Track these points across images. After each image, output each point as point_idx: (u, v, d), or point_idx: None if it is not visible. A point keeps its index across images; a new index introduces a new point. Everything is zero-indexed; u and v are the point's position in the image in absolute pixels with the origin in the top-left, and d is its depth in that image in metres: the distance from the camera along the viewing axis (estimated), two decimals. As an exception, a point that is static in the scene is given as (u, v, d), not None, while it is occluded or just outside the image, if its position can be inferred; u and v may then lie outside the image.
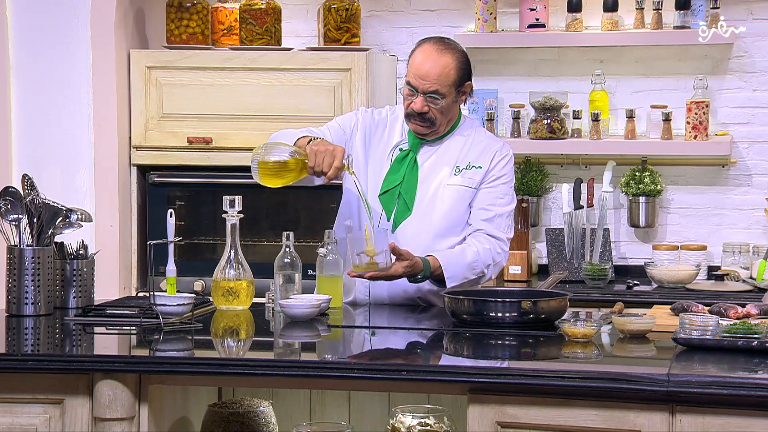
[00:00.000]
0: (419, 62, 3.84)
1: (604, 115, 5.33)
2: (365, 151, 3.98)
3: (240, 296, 3.74)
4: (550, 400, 2.92)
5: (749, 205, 5.38)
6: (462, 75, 3.87)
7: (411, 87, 3.85)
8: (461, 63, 3.87)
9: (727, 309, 3.38)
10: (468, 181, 3.92)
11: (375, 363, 3.12)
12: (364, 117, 4.03)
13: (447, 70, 3.83)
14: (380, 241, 3.63)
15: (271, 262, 3.76)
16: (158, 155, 5.18)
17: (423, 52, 3.86)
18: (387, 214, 3.91)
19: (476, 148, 3.96)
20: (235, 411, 3.49)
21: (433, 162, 3.94)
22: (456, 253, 3.86)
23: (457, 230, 3.93)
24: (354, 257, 3.66)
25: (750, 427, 2.81)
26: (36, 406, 3.13)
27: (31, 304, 3.70)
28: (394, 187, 3.92)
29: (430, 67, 3.82)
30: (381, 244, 3.63)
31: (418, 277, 3.78)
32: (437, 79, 3.82)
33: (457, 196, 3.92)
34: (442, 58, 3.83)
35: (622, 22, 5.36)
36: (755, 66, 5.34)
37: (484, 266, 3.87)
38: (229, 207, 3.73)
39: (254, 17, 5.21)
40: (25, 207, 3.74)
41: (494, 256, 3.89)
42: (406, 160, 3.94)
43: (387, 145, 3.98)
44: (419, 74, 3.83)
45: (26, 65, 5.12)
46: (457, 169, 3.93)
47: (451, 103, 3.88)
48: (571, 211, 5.31)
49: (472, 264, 3.84)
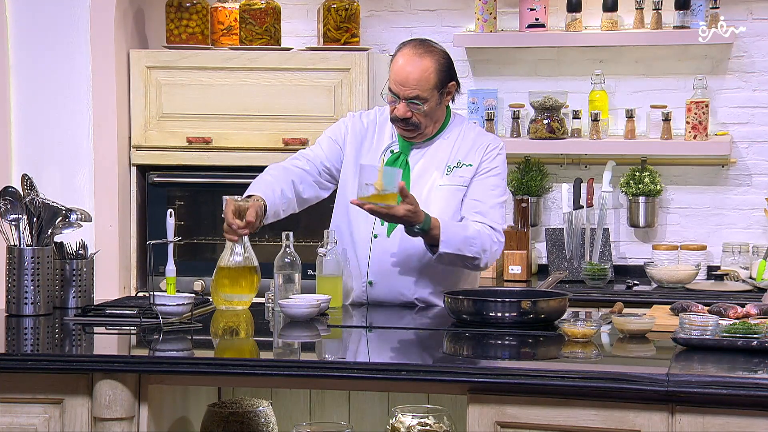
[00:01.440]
0: (398, 68, 3.82)
1: (604, 115, 5.33)
2: (356, 155, 3.97)
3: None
4: (550, 400, 2.92)
5: (749, 205, 5.38)
6: (443, 77, 3.84)
7: (392, 93, 3.83)
8: (441, 65, 3.84)
9: (726, 309, 3.38)
10: (459, 179, 3.91)
11: (375, 363, 3.12)
12: (353, 123, 4.02)
13: (426, 74, 3.81)
14: (391, 177, 3.59)
15: (271, 262, 3.76)
16: (158, 155, 5.18)
17: (402, 56, 3.83)
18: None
19: (465, 146, 3.95)
20: (235, 411, 3.49)
21: (424, 163, 3.93)
22: (458, 224, 3.82)
23: None
24: (362, 186, 3.60)
25: (750, 426, 2.80)
26: (35, 406, 3.13)
27: (31, 304, 3.70)
28: None
29: (409, 73, 3.80)
30: (390, 181, 3.58)
31: (415, 228, 3.69)
32: (417, 85, 3.79)
33: (450, 196, 3.90)
34: (421, 63, 3.80)
35: (622, 22, 5.36)
36: (755, 66, 5.34)
37: (481, 248, 3.79)
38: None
39: (254, 17, 5.21)
40: (24, 207, 3.74)
41: (492, 244, 3.83)
42: (397, 162, 3.93)
43: (378, 147, 3.97)
44: (399, 80, 3.81)
45: (26, 65, 5.12)
46: (449, 168, 3.92)
47: (435, 106, 3.86)
48: (571, 211, 5.31)
49: (471, 239, 3.77)
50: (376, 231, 3.89)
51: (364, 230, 3.92)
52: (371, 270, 3.90)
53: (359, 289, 3.93)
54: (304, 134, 5.08)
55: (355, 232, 3.93)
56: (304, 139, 5.06)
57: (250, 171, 5.11)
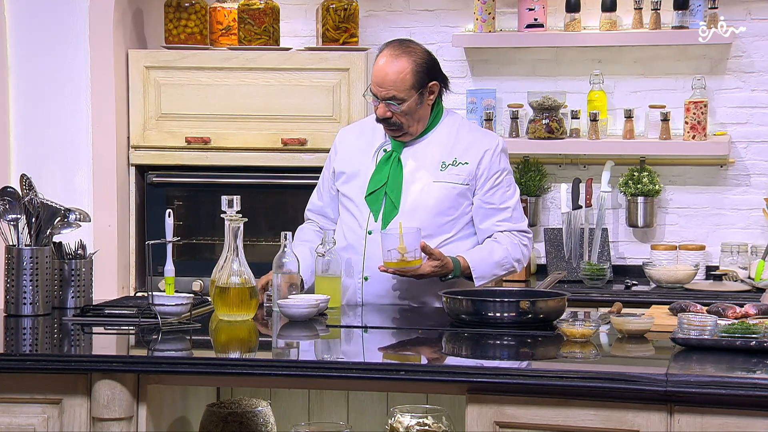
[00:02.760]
0: (377, 69, 3.87)
1: (603, 115, 5.33)
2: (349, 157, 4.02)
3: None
4: (549, 400, 2.92)
5: (747, 205, 5.38)
6: (420, 77, 3.87)
7: (372, 94, 3.89)
8: (418, 65, 3.86)
9: (725, 309, 3.38)
10: (455, 177, 3.93)
11: (373, 363, 3.12)
12: (336, 143, 4.10)
13: (402, 75, 3.84)
14: (411, 239, 3.70)
15: (270, 262, 3.76)
16: (157, 155, 5.18)
17: (382, 57, 3.89)
18: (374, 215, 3.92)
19: (462, 144, 3.97)
20: (234, 411, 3.49)
21: (417, 160, 3.95)
22: (484, 252, 3.92)
23: (446, 227, 3.94)
24: (385, 253, 3.74)
25: (748, 426, 2.81)
26: (34, 406, 3.13)
27: (30, 304, 3.69)
28: (380, 187, 3.93)
29: (385, 74, 3.84)
30: (412, 242, 3.70)
31: (448, 276, 3.83)
32: (393, 85, 3.83)
33: (445, 192, 3.92)
34: (397, 64, 3.84)
35: (621, 22, 5.36)
36: (753, 66, 5.34)
37: (514, 261, 3.95)
38: (227, 207, 3.65)
39: (253, 17, 5.21)
40: (23, 207, 3.74)
41: (522, 250, 3.98)
42: (390, 160, 3.95)
43: (371, 147, 4.00)
44: (377, 81, 3.87)
45: (25, 65, 5.12)
46: (443, 165, 3.94)
47: (415, 106, 3.88)
48: (570, 211, 5.31)
49: (501, 261, 3.92)
50: (370, 227, 3.91)
51: (358, 226, 3.93)
52: (366, 266, 3.92)
53: (354, 286, 3.94)
54: (303, 134, 5.08)
55: (351, 229, 3.95)
56: (302, 140, 5.06)
57: (249, 171, 5.15)
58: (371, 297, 3.94)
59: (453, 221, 3.95)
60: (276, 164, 5.12)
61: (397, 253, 3.71)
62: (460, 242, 3.96)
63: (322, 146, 5.06)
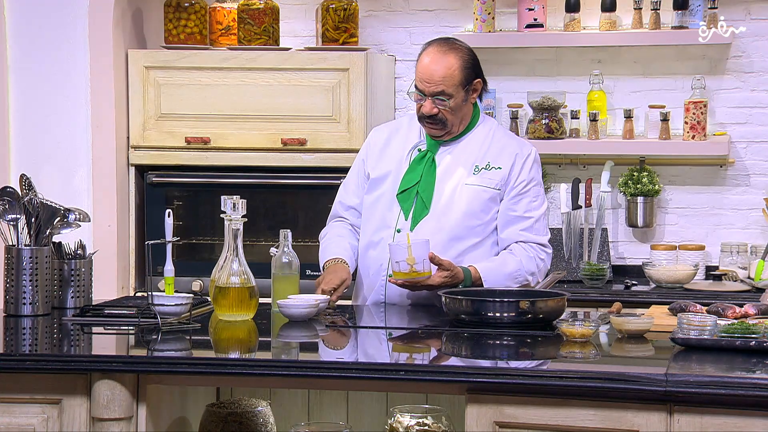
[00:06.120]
0: (424, 66, 3.88)
1: (602, 115, 5.33)
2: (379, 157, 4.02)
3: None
4: (549, 400, 2.92)
5: (747, 205, 5.38)
6: (467, 74, 3.89)
7: (419, 91, 3.88)
8: (466, 62, 3.89)
9: (724, 309, 3.38)
10: (487, 181, 3.94)
11: (373, 363, 3.12)
12: (369, 142, 4.10)
13: (451, 71, 3.85)
14: (420, 250, 3.70)
15: (269, 262, 3.76)
16: (156, 155, 5.18)
17: (427, 55, 3.89)
18: (405, 214, 3.92)
19: (495, 148, 3.98)
20: (233, 411, 3.49)
21: (451, 161, 3.96)
22: (497, 264, 3.90)
23: (477, 230, 3.93)
24: (394, 264, 3.75)
25: (748, 426, 2.81)
26: (34, 406, 3.13)
27: (29, 304, 3.69)
28: (412, 186, 3.93)
29: (435, 70, 3.85)
30: (421, 254, 3.70)
31: (459, 287, 3.81)
32: (442, 81, 3.84)
33: (476, 195, 3.93)
34: (445, 60, 3.86)
35: (620, 22, 5.36)
36: (753, 66, 5.34)
37: (528, 274, 3.91)
38: (231, 210, 3.58)
39: (252, 17, 5.21)
40: (23, 207, 3.74)
41: (538, 263, 3.94)
42: (424, 160, 3.96)
43: (405, 146, 4.00)
44: (424, 77, 3.87)
45: (24, 65, 5.12)
46: (476, 168, 3.95)
47: (461, 103, 3.90)
48: (569, 211, 5.32)
49: (514, 274, 3.88)
50: (399, 225, 3.91)
51: (386, 224, 3.94)
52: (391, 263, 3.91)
53: (379, 284, 3.94)
54: (303, 134, 5.08)
55: (378, 226, 3.96)
56: (302, 140, 5.06)
57: (249, 171, 5.14)
58: (395, 296, 3.94)
59: (483, 225, 3.94)
60: (276, 164, 5.12)
61: (406, 265, 3.72)
62: (488, 246, 3.96)
63: (322, 146, 5.06)
